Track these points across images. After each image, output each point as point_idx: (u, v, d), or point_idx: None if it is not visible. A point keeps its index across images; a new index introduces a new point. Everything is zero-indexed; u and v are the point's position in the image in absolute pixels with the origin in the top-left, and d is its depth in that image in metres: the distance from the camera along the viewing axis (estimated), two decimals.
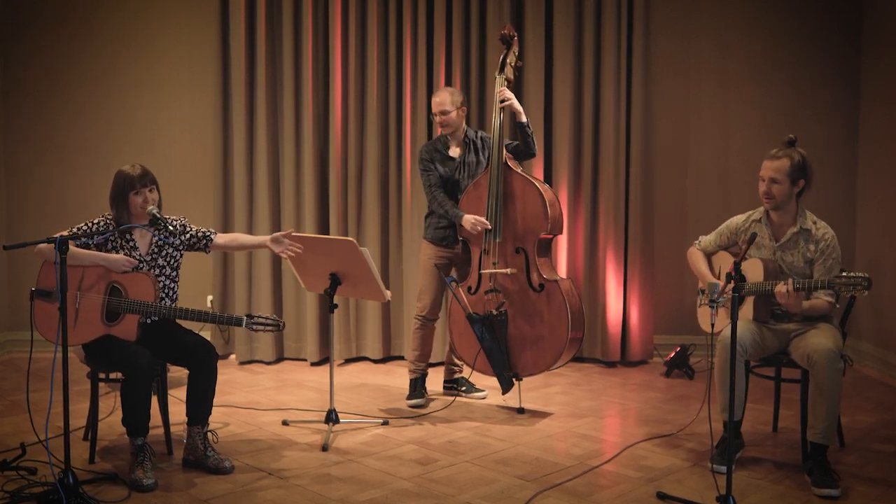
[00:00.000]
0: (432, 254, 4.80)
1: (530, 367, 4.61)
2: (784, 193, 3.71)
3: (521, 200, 4.60)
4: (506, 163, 4.62)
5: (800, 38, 5.95)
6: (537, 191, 4.56)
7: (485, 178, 4.66)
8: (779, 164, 3.70)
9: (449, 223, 4.77)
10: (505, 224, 4.61)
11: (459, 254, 4.83)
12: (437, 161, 4.74)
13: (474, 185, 4.71)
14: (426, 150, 4.79)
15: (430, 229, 4.83)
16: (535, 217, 4.56)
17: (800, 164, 3.70)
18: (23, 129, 6.10)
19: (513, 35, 4.70)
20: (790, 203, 3.75)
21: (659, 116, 5.94)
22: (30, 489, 3.35)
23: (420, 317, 4.85)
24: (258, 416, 4.56)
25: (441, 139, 4.80)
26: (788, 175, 3.69)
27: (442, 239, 4.79)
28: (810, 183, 3.75)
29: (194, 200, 6.01)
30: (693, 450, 3.98)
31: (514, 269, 4.59)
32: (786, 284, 3.55)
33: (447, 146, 4.78)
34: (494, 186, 4.59)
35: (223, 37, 5.82)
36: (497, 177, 4.59)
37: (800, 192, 3.74)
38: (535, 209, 4.56)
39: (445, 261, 4.81)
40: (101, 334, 3.65)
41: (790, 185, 3.70)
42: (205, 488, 3.48)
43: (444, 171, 4.73)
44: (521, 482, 3.56)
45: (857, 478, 3.62)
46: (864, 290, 3.39)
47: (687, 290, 6.01)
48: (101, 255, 3.66)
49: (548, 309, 4.54)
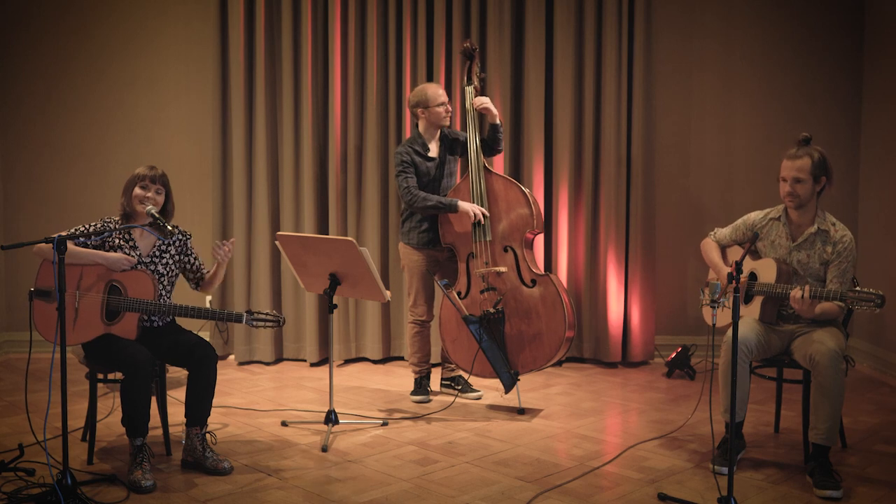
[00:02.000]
0: (419, 258, 4.79)
1: (530, 362, 4.61)
2: (808, 192, 3.70)
3: (504, 201, 4.69)
4: (485, 166, 4.72)
5: (802, 36, 5.93)
6: (520, 190, 4.68)
7: (465, 184, 4.74)
8: (801, 164, 3.68)
9: (430, 227, 4.76)
10: (492, 224, 4.68)
11: (445, 254, 4.84)
12: (418, 162, 4.71)
13: (454, 191, 4.78)
14: (406, 153, 4.72)
15: (411, 234, 4.80)
16: (521, 215, 4.65)
17: (820, 162, 3.69)
18: (20, 128, 6.08)
19: (475, 48, 4.88)
20: (811, 202, 3.74)
21: (660, 115, 5.92)
22: (28, 490, 3.33)
23: (418, 321, 4.85)
24: (257, 416, 4.54)
25: (418, 140, 4.77)
26: (811, 173, 3.68)
27: (427, 243, 4.78)
28: (831, 180, 3.73)
29: (192, 200, 5.99)
30: (695, 451, 3.96)
31: (505, 268, 4.63)
32: (801, 290, 3.52)
33: (426, 146, 4.76)
34: (477, 189, 4.67)
35: (221, 35, 5.80)
36: (478, 180, 4.68)
37: (821, 190, 3.72)
38: (521, 207, 4.65)
39: (433, 263, 4.80)
40: (100, 333, 3.64)
41: (813, 183, 3.69)
42: (204, 489, 3.47)
43: (425, 169, 4.72)
44: (521, 483, 3.54)
45: (859, 479, 3.61)
46: (876, 307, 3.34)
47: (689, 291, 5.99)
48: (100, 254, 3.66)
49: (542, 303, 4.57)
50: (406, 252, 4.83)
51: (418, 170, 4.71)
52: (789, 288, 3.62)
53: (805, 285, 3.56)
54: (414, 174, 4.70)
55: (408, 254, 4.82)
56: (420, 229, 4.77)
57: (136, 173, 3.77)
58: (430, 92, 4.74)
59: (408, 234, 4.81)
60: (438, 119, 4.73)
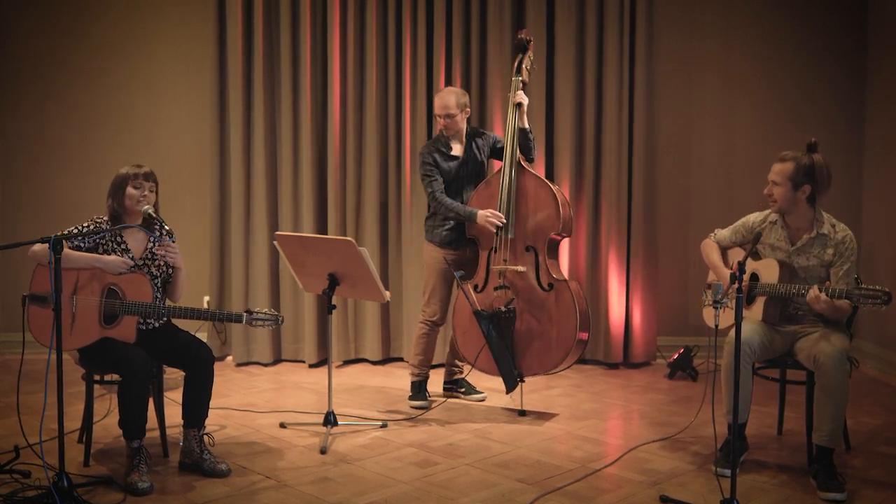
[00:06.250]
0: (440, 256, 4.73)
1: (535, 366, 4.58)
2: (785, 197, 3.66)
3: (533, 199, 4.60)
4: (518, 162, 4.62)
5: (804, 37, 5.91)
6: (550, 191, 4.58)
7: (496, 177, 4.65)
8: (781, 168, 3.65)
9: (454, 226, 4.71)
10: (517, 221, 4.60)
11: (467, 255, 4.79)
12: (441, 161, 4.68)
13: (486, 184, 4.70)
14: (428, 153, 4.70)
15: (434, 232, 4.75)
16: (548, 216, 4.56)
17: (806, 169, 3.62)
18: (18, 128, 6.05)
19: (529, 40, 4.75)
20: (799, 208, 3.68)
21: (662, 116, 5.89)
22: (23, 493, 3.30)
23: (428, 322, 4.78)
24: (255, 418, 4.52)
25: (441, 138, 4.75)
26: (790, 179, 3.63)
27: (449, 242, 4.74)
28: (821, 189, 3.65)
29: (190, 200, 5.96)
30: (697, 453, 3.94)
31: (524, 267, 4.56)
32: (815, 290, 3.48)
33: (448, 145, 4.73)
34: (507, 183, 4.59)
35: (220, 34, 5.78)
36: (510, 174, 4.59)
37: (809, 197, 3.67)
38: (548, 208, 4.56)
39: (454, 262, 4.76)
40: (98, 337, 3.61)
41: (792, 189, 3.64)
42: (201, 492, 3.44)
43: (447, 168, 4.68)
44: (522, 485, 3.52)
45: (863, 481, 3.58)
46: (882, 304, 3.30)
47: (691, 291, 5.96)
48: (96, 257, 3.62)
49: (556, 308, 4.51)
50: (427, 249, 4.80)
51: (441, 170, 4.67)
52: (793, 288, 3.59)
53: (815, 285, 3.53)
54: (439, 176, 4.66)
55: (429, 251, 4.79)
56: (443, 227, 4.73)
57: (125, 173, 3.70)
58: (435, 101, 4.72)
59: (431, 231, 4.78)
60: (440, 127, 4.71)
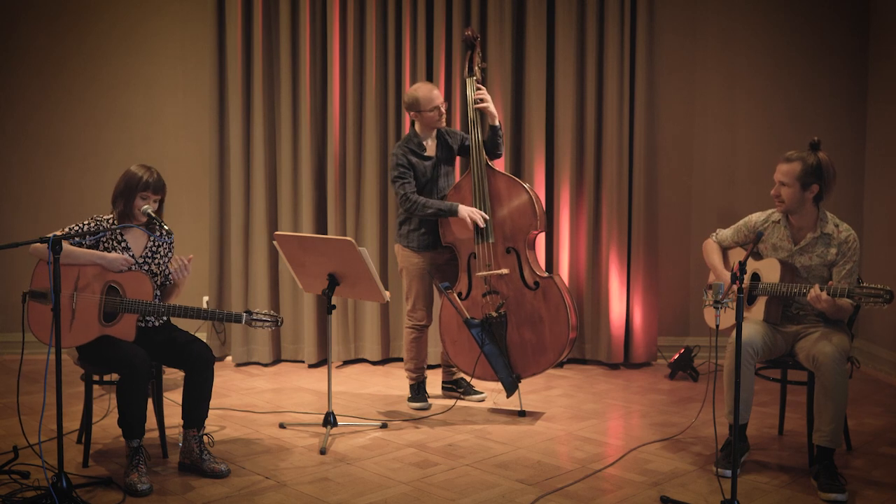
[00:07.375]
0: (419, 261, 4.69)
1: (532, 366, 4.57)
2: (793, 198, 3.64)
3: (507, 200, 4.59)
4: (487, 163, 4.61)
5: (806, 36, 5.89)
6: (522, 189, 4.57)
7: (466, 182, 4.63)
8: (788, 168, 3.64)
9: (430, 229, 4.67)
10: (495, 225, 4.58)
11: (446, 255, 4.75)
12: (415, 162, 4.62)
13: (455, 189, 4.68)
14: (402, 154, 4.61)
15: (410, 236, 4.69)
16: (525, 215, 4.55)
17: (813, 169, 3.61)
18: (15, 128, 6.04)
19: (476, 37, 4.74)
20: (805, 207, 3.67)
21: (663, 114, 5.88)
22: (22, 493, 3.30)
23: (417, 326, 4.77)
24: (255, 418, 4.51)
25: (414, 138, 4.67)
26: (798, 179, 3.62)
27: (427, 246, 4.70)
28: (828, 188, 3.65)
29: (189, 200, 5.95)
30: (698, 453, 3.93)
31: (508, 270, 4.55)
32: (816, 289, 3.47)
33: (422, 144, 4.66)
34: (479, 188, 4.57)
35: (219, 34, 5.76)
36: (480, 178, 4.57)
37: (816, 196, 3.66)
38: (524, 207, 4.55)
39: (432, 266, 4.73)
40: (98, 335, 3.60)
41: (800, 189, 3.63)
42: (201, 492, 3.44)
43: (422, 169, 4.63)
44: (522, 486, 3.51)
45: (864, 482, 3.57)
46: (884, 303, 3.29)
47: (692, 291, 5.95)
48: (98, 254, 3.62)
49: (545, 305, 4.51)
50: (405, 255, 4.73)
51: (416, 171, 4.62)
52: (794, 287, 3.58)
53: (816, 284, 3.52)
54: (412, 178, 4.59)
55: (407, 257, 4.72)
56: (419, 232, 4.67)
57: (137, 176, 3.65)
58: (422, 95, 4.58)
59: (406, 236, 4.71)
60: (431, 122, 4.63)
